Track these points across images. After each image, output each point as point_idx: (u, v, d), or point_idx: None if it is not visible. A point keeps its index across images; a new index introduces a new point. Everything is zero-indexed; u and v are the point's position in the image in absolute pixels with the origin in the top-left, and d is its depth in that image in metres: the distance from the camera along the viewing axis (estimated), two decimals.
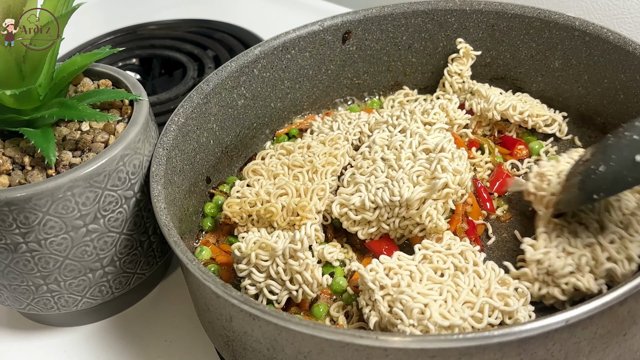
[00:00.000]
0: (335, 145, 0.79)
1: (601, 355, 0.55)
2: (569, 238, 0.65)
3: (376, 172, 0.73)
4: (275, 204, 0.71)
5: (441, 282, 0.62)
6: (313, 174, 0.75)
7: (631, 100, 0.77)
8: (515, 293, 0.63)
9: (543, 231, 0.67)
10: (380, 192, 0.70)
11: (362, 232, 0.71)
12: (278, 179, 0.76)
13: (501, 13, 0.85)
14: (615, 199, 0.67)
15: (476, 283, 0.62)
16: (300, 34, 0.86)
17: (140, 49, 1.25)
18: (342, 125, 0.84)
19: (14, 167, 0.66)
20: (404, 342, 0.50)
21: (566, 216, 0.67)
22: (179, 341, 0.74)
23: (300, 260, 0.65)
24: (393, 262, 0.64)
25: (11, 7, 0.63)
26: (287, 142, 0.82)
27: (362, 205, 0.70)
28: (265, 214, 0.72)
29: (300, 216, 0.71)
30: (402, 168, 0.71)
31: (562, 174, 0.71)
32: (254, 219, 0.73)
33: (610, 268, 0.62)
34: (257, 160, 0.81)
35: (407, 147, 0.73)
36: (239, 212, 0.73)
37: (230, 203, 0.74)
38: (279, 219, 0.71)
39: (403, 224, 0.70)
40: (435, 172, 0.69)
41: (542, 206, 0.70)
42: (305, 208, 0.71)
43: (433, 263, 0.64)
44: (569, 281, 0.63)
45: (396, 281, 0.62)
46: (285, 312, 0.54)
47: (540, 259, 0.64)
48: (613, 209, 0.67)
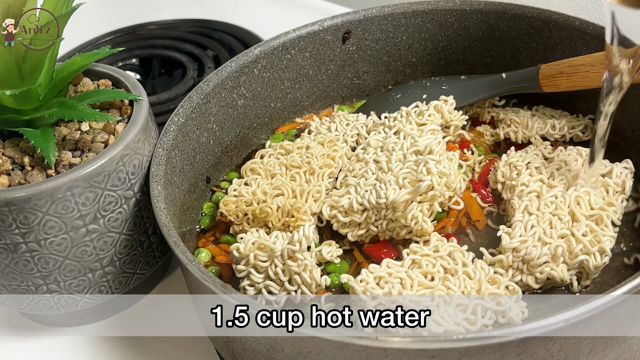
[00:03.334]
0: (334, 147, 0.79)
1: (601, 356, 0.55)
2: (544, 228, 0.67)
3: (367, 174, 0.73)
4: (271, 204, 0.72)
5: (432, 287, 0.63)
6: (310, 175, 0.75)
7: (631, 100, 0.77)
8: (506, 291, 0.63)
9: (518, 220, 0.68)
10: (367, 194, 0.70)
11: (352, 234, 0.71)
12: (275, 179, 0.76)
13: (501, 13, 0.85)
14: (585, 193, 0.69)
15: (467, 285, 0.63)
16: (300, 34, 0.86)
17: (140, 49, 1.25)
18: (340, 127, 0.84)
19: (14, 167, 0.66)
20: (403, 342, 0.50)
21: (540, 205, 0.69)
22: (179, 341, 0.74)
23: (298, 261, 0.65)
24: (382, 271, 0.64)
25: (11, 7, 0.63)
26: (287, 142, 0.82)
27: (350, 207, 0.70)
28: (260, 213, 0.72)
29: (295, 217, 0.71)
30: (392, 170, 0.71)
31: (530, 165, 0.74)
32: (249, 218, 0.73)
33: (583, 260, 0.64)
34: (256, 159, 0.81)
35: (399, 149, 0.74)
36: (235, 211, 0.73)
37: (226, 201, 0.74)
38: (273, 219, 0.71)
39: (390, 226, 0.70)
40: (420, 174, 0.69)
41: (514, 195, 0.71)
42: (300, 210, 0.71)
43: (422, 267, 0.65)
44: (544, 270, 0.65)
45: (387, 290, 0.62)
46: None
47: (517, 247, 0.65)
48: (583, 203, 0.68)
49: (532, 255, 0.65)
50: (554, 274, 0.64)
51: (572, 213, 0.68)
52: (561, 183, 0.71)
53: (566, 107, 0.84)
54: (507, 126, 0.82)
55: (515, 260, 0.66)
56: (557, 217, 0.67)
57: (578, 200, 0.69)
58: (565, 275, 0.64)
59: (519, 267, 0.66)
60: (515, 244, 0.66)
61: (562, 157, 0.74)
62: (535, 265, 0.65)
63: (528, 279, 0.65)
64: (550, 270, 0.64)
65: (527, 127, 0.80)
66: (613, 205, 0.69)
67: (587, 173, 0.70)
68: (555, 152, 0.75)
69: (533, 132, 0.80)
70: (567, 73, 0.74)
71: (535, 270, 0.65)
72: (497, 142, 0.83)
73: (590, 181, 0.70)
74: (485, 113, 0.85)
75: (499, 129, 0.82)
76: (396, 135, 0.77)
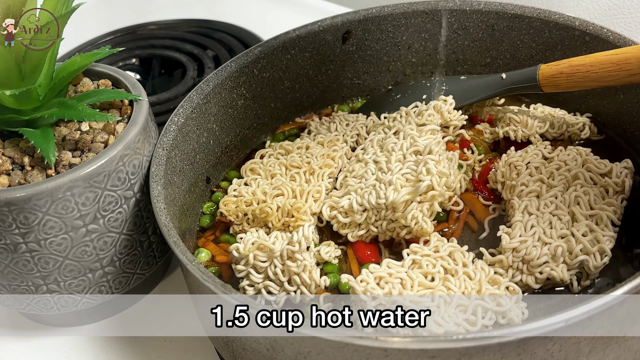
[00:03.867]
0: (334, 147, 0.79)
1: (601, 356, 0.55)
2: (544, 228, 0.67)
3: (366, 174, 0.73)
4: (271, 204, 0.72)
5: (432, 287, 0.63)
6: (310, 175, 0.75)
7: (631, 100, 0.77)
8: (506, 292, 0.63)
9: (518, 220, 0.68)
10: (367, 195, 0.70)
11: (352, 234, 0.71)
12: (275, 179, 0.76)
13: (501, 13, 0.85)
14: (585, 193, 0.69)
15: (467, 285, 0.63)
16: (300, 34, 0.86)
17: (140, 49, 1.25)
18: (340, 127, 0.84)
19: (14, 167, 0.66)
20: (403, 342, 0.50)
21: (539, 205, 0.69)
22: (179, 341, 0.74)
23: (298, 262, 0.65)
24: (383, 271, 0.64)
25: (11, 7, 0.63)
26: (287, 142, 0.82)
27: (350, 207, 0.70)
28: (260, 213, 0.72)
29: (294, 217, 0.71)
30: (391, 170, 0.71)
31: (530, 164, 0.74)
32: (249, 218, 0.73)
33: (583, 260, 0.64)
34: (256, 159, 0.81)
35: (399, 150, 0.74)
36: (235, 211, 0.73)
37: (226, 201, 0.74)
38: (273, 219, 0.71)
39: (390, 226, 0.70)
40: (420, 174, 0.69)
41: (514, 195, 0.71)
42: (300, 210, 0.71)
43: (423, 268, 0.65)
44: (544, 270, 0.65)
45: (387, 290, 0.62)
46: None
47: (517, 247, 0.65)
48: (583, 203, 0.68)
49: (532, 256, 0.65)
50: (554, 274, 0.64)
51: (572, 213, 0.68)
52: (561, 183, 0.71)
53: (566, 107, 0.84)
54: (506, 125, 0.82)
55: (515, 260, 0.66)
56: (557, 217, 0.68)
57: (578, 200, 0.69)
58: (566, 276, 0.64)
59: (519, 267, 0.66)
60: (515, 244, 0.66)
61: (562, 157, 0.74)
62: (535, 266, 0.65)
63: (528, 279, 0.65)
64: (550, 271, 0.64)
65: (527, 126, 0.80)
66: (613, 205, 0.69)
67: None
68: (555, 152, 0.75)
69: (532, 131, 0.80)
70: (566, 73, 0.74)
71: (535, 270, 0.65)
72: (496, 141, 0.83)
73: None
74: (484, 112, 0.85)
75: (498, 128, 0.82)
76: (396, 136, 0.77)
